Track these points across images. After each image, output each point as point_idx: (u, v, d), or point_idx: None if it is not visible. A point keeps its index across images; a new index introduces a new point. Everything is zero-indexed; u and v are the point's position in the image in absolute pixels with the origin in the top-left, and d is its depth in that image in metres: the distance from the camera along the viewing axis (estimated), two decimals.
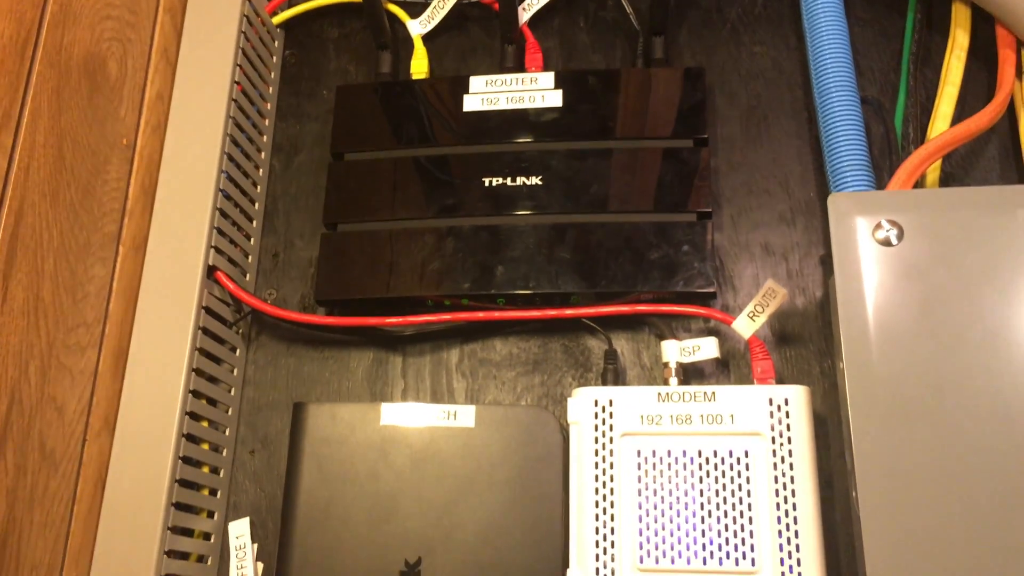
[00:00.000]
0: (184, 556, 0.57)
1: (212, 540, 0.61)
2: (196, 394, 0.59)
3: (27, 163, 0.51)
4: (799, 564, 0.52)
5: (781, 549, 0.53)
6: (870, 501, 0.50)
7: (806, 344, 0.62)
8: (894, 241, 0.52)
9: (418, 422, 0.58)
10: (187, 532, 0.58)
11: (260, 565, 0.60)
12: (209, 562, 0.60)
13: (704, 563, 0.53)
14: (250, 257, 0.68)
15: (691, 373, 0.61)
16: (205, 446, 0.60)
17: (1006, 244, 0.51)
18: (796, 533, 0.53)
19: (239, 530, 0.61)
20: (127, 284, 0.59)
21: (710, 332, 0.62)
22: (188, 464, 0.58)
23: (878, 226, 0.52)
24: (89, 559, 0.53)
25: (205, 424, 0.60)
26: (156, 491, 0.55)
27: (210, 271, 0.61)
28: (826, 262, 0.62)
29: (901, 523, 0.49)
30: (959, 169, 0.64)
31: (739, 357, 0.62)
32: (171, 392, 0.57)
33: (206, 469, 0.60)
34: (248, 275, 0.67)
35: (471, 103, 0.67)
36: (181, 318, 0.59)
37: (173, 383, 0.57)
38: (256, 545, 0.61)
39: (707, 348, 0.59)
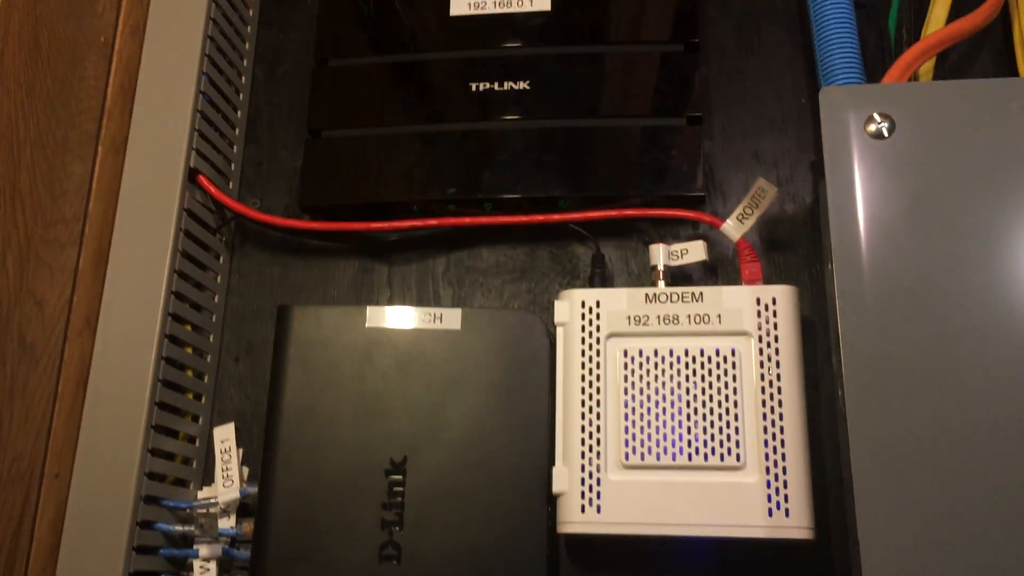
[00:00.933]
0: (169, 456, 0.57)
1: (197, 444, 0.61)
2: (179, 296, 0.58)
3: (1, 48, 0.49)
4: (783, 459, 0.52)
5: (766, 445, 0.53)
6: (857, 401, 0.50)
7: (795, 250, 0.61)
8: (885, 134, 0.51)
9: (404, 324, 0.58)
10: (172, 433, 0.57)
11: (245, 469, 0.60)
12: (194, 464, 0.60)
13: (689, 459, 0.53)
14: (233, 165, 0.67)
15: (679, 279, 0.61)
16: (189, 350, 0.60)
17: (999, 137, 0.51)
18: (781, 429, 0.53)
19: (224, 435, 0.60)
20: (107, 184, 0.58)
21: (698, 239, 0.62)
22: (172, 366, 0.57)
23: (870, 119, 0.51)
24: (72, 454, 0.53)
25: (189, 328, 0.60)
26: (139, 389, 0.55)
27: (192, 175, 0.60)
28: (817, 167, 0.62)
29: (888, 423, 0.49)
30: (952, 75, 0.63)
31: (727, 263, 0.62)
32: (153, 292, 0.56)
33: (190, 372, 0.60)
34: (231, 183, 0.66)
35: (458, 7, 0.66)
36: (163, 220, 0.58)
37: (155, 283, 0.57)
38: (241, 450, 0.61)
39: (695, 251, 0.58)
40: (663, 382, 0.55)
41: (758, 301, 0.55)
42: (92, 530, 0.52)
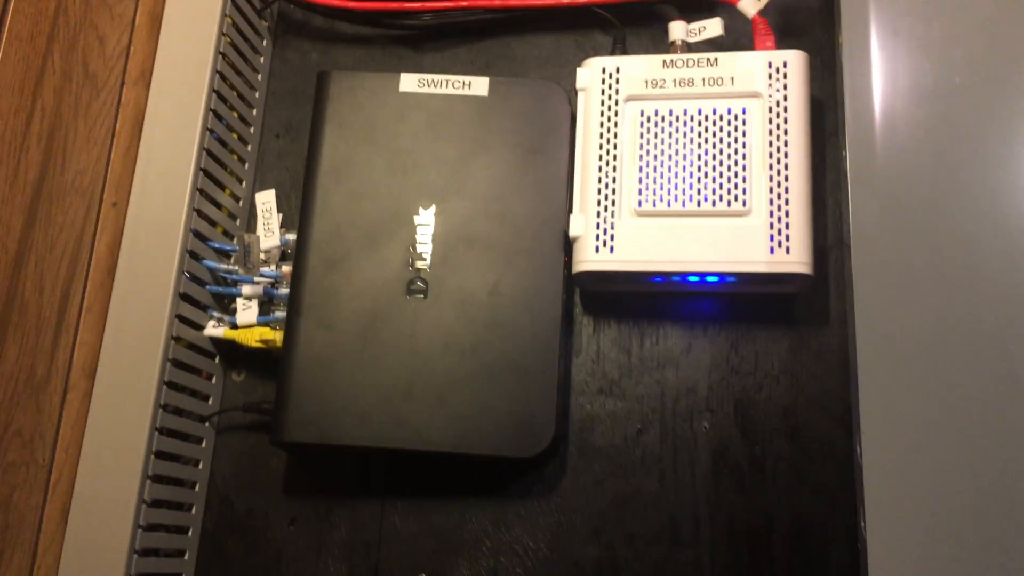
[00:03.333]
0: (217, 205, 0.62)
1: (241, 204, 0.65)
2: (224, 74, 0.62)
3: None
4: (787, 204, 0.56)
5: (771, 192, 0.56)
6: (857, 157, 0.53)
7: (809, 37, 0.64)
8: None
9: (435, 90, 0.62)
10: (219, 185, 0.62)
11: (284, 231, 0.64)
12: (237, 223, 0.65)
13: (698, 205, 0.57)
14: None
15: None
16: (235, 113, 0.64)
17: None
18: (786, 178, 0.56)
19: (265, 198, 0.65)
20: None
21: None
22: (218, 120, 0.61)
23: None
24: (128, 187, 0.58)
25: (235, 95, 0.64)
26: (188, 141, 0.59)
27: None
28: None
29: (885, 180, 0.52)
30: None
31: (746, 42, 0.64)
32: (201, 61, 0.60)
33: (235, 136, 0.64)
34: None
35: None
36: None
37: (203, 54, 0.60)
38: (281, 215, 0.65)
39: (712, 28, 0.61)
40: (676, 139, 0.58)
41: (770, 64, 0.58)
42: (145, 255, 0.57)
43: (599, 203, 0.58)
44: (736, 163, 0.57)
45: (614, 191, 0.58)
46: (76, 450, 0.52)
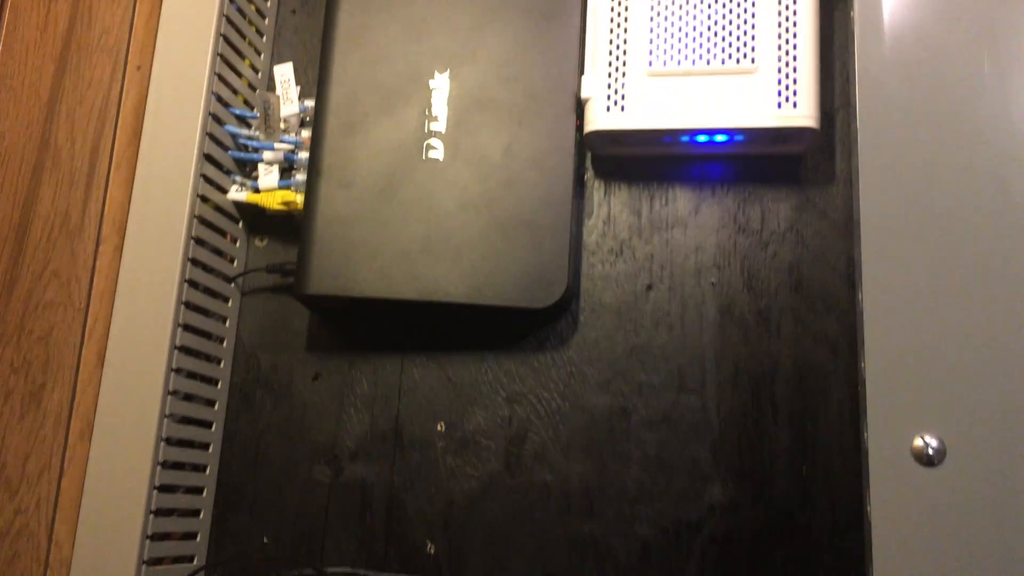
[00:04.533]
0: (238, 73, 0.63)
1: (260, 76, 0.67)
2: None
3: None
4: (795, 60, 0.57)
5: (779, 48, 0.57)
6: (865, 19, 0.54)
7: None
8: None
9: None
10: (239, 53, 0.63)
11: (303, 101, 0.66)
12: (257, 93, 0.66)
13: (708, 64, 0.58)
14: None
15: None
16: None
17: None
18: (795, 35, 0.57)
19: (283, 71, 0.66)
20: None
21: None
22: (234, 7, 0.63)
23: None
24: (152, 48, 0.59)
25: None
26: (209, 4, 0.60)
27: None
28: None
29: (893, 41, 0.53)
30: None
31: None
32: None
33: (254, 7, 0.65)
34: None
35: None
36: None
37: None
38: (299, 88, 0.67)
39: None
40: None
41: None
42: (170, 116, 0.59)
43: (610, 64, 0.59)
44: (745, 21, 0.58)
45: (625, 52, 0.59)
46: (110, 298, 0.55)
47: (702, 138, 0.59)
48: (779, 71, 0.57)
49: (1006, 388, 0.45)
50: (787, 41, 0.57)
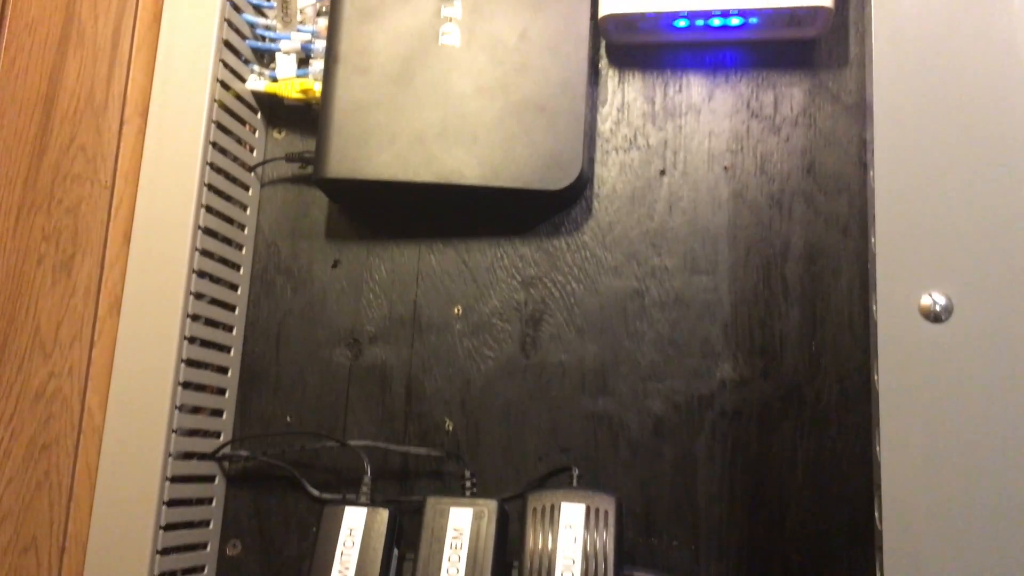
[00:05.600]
0: None
1: None
2: None
3: None
4: None
5: None
6: None
7: None
8: None
9: None
10: None
11: None
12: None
13: None
14: None
15: None
16: None
17: None
18: None
19: None
20: None
21: None
22: None
23: None
24: None
25: None
26: None
27: None
28: None
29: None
30: None
31: None
32: None
33: None
34: None
35: None
36: None
37: None
38: None
39: None
40: None
41: None
42: (188, 2, 0.59)
43: None
44: None
45: None
46: (134, 178, 0.56)
47: (716, 22, 0.59)
48: None
49: (1010, 245, 0.46)
50: None
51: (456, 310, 0.62)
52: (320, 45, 0.63)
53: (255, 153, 0.65)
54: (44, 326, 0.51)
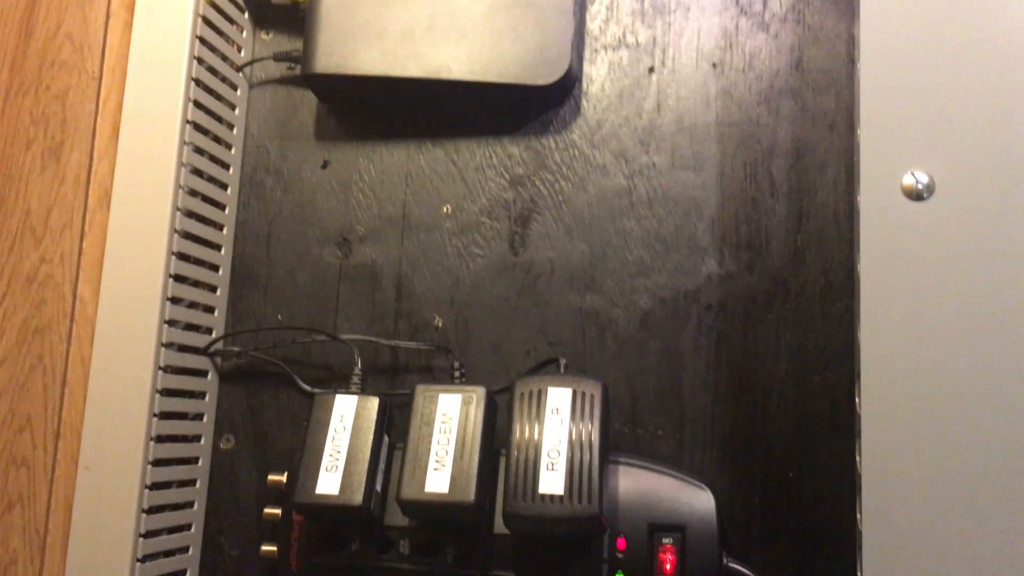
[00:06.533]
0: None
1: None
2: None
3: None
4: None
5: None
6: None
7: None
8: None
9: None
10: None
11: None
12: None
13: None
14: None
15: None
16: None
17: None
18: None
19: None
20: None
21: None
22: None
23: None
24: None
25: None
26: None
27: None
28: None
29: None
30: None
31: None
32: None
33: None
34: None
35: None
36: None
37: None
38: None
39: None
40: None
41: None
42: None
43: None
44: None
45: None
46: (121, 72, 0.56)
47: None
48: None
49: (993, 124, 0.47)
50: None
51: (445, 209, 0.62)
52: None
53: (243, 53, 0.65)
54: (35, 210, 0.51)
